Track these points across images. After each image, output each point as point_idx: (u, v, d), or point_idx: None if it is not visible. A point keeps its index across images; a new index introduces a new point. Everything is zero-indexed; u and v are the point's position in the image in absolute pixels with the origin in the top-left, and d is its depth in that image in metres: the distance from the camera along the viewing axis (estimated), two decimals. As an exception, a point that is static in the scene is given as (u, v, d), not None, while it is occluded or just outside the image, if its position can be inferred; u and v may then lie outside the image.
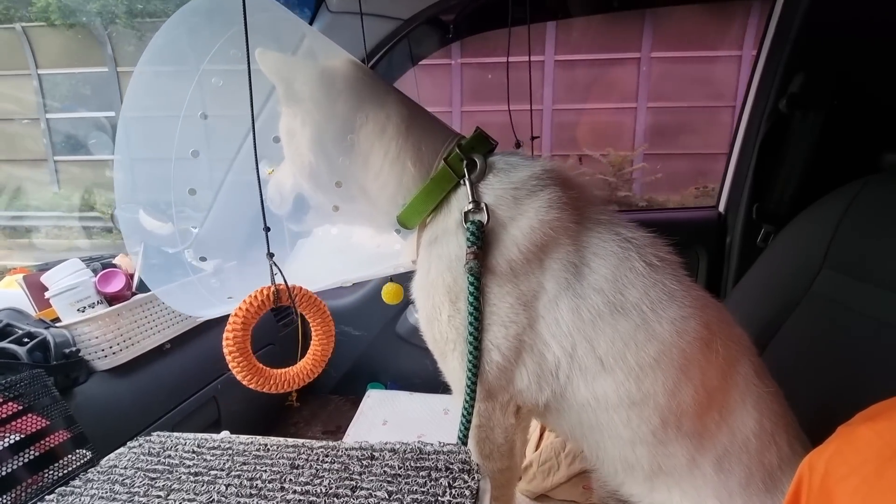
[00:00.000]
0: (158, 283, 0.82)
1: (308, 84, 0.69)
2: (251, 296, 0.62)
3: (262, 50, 0.67)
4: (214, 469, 0.64)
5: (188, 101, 0.71)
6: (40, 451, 0.66)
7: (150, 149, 0.78)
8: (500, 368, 0.67)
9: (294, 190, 0.76)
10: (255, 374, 0.64)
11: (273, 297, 0.62)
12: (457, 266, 0.67)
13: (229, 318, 0.62)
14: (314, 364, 0.68)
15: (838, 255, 0.97)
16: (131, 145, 0.76)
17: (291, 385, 0.66)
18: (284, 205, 0.77)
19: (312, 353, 0.69)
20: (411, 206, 0.70)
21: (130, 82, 0.71)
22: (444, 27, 1.43)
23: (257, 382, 0.64)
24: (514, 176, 0.68)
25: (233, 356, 0.62)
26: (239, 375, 0.63)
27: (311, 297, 0.66)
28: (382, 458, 0.64)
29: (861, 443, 0.49)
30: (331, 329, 0.69)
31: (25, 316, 0.94)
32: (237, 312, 0.62)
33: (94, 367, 0.95)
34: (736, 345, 0.70)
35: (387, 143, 0.70)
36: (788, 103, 1.28)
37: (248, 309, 0.62)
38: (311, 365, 0.68)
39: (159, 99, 0.75)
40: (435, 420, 1.44)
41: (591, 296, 0.65)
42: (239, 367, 0.62)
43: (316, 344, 0.69)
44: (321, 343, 0.69)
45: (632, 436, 0.67)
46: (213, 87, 0.70)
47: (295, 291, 0.64)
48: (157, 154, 0.77)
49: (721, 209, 1.58)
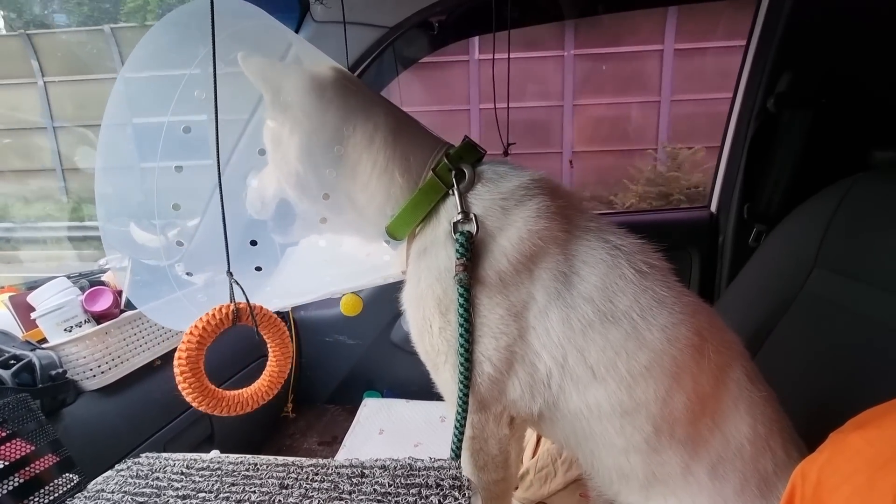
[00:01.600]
0: (144, 301, 0.81)
1: (297, 92, 0.68)
2: (209, 314, 0.59)
3: (245, 54, 0.66)
4: (203, 491, 0.63)
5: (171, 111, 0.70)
6: (26, 478, 0.65)
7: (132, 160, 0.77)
8: (492, 380, 0.67)
9: (277, 196, 0.74)
10: (207, 396, 0.60)
11: (232, 316, 0.59)
12: (446, 277, 0.66)
13: (183, 336, 0.59)
14: (270, 385, 0.66)
15: (830, 253, 0.97)
16: (114, 157, 0.75)
17: (245, 407, 0.63)
18: (265, 211, 0.76)
19: (269, 374, 0.66)
20: (400, 217, 0.70)
21: (112, 92, 0.69)
22: (432, 31, 1.43)
23: (209, 405, 0.61)
24: (502, 186, 0.68)
25: (184, 377, 0.59)
26: (189, 397, 0.59)
27: (270, 316, 0.64)
28: (373, 476, 0.63)
29: (852, 451, 0.49)
30: (288, 349, 0.66)
31: (11, 338, 0.92)
32: (192, 331, 0.59)
33: (82, 388, 0.94)
34: (728, 350, 0.69)
35: (375, 153, 0.69)
36: (776, 102, 1.28)
37: (204, 328, 0.59)
38: (266, 386, 0.65)
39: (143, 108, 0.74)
40: (432, 427, 1.44)
41: (580, 305, 0.65)
42: (190, 388, 0.59)
43: (272, 364, 0.66)
44: (278, 363, 0.66)
45: (625, 444, 0.67)
46: (196, 99, 0.68)
47: (255, 310, 0.61)
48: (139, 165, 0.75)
49: (713, 209, 1.58)
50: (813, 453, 0.54)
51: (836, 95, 1.24)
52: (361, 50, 1.25)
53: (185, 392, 0.60)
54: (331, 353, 1.69)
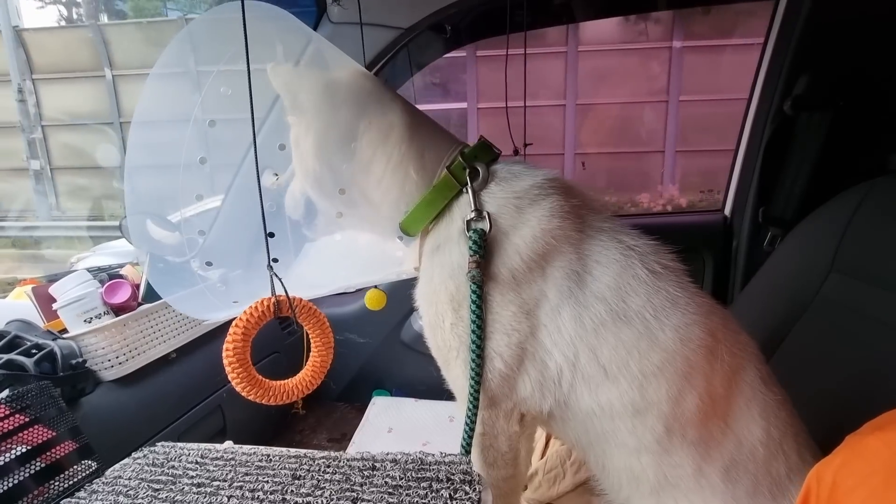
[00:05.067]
0: (168, 291, 0.83)
1: (311, 94, 0.70)
2: (252, 307, 0.62)
3: (275, 65, 0.69)
4: (217, 480, 0.64)
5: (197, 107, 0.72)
6: (46, 463, 0.67)
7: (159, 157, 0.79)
8: (503, 376, 0.67)
9: (304, 195, 0.77)
10: (255, 386, 0.64)
11: (273, 309, 0.62)
12: (459, 274, 0.67)
13: (230, 330, 0.62)
14: (313, 375, 0.68)
15: (846, 258, 0.96)
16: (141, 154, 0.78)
17: (291, 397, 0.67)
18: (297, 209, 0.78)
19: (312, 365, 0.69)
20: (413, 213, 0.71)
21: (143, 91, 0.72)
22: (445, 34, 1.44)
23: (256, 394, 0.64)
24: (516, 184, 0.69)
25: (233, 367, 0.62)
26: (238, 387, 0.63)
27: (311, 308, 0.67)
28: (384, 469, 0.64)
29: (869, 453, 0.49)
30: (330, 340, 0.70)
31: (33, 327, 0.95)
32: (237, 323, 0.62)
33: (100, 378, 0.96)
34: (742, 352, 0.69)
35: (389, 150, 0.70)
36: (793, 105, 1.27)
37: (248, 320, 0.62)
38: (310, 376, 0.68)
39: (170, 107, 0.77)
40: (440, 427, 1.44)
41: (593, 304, 0.65)
42: (239, 378, 0.63)
43: (315, 355, 0.69)
44: (320, 354, 0.69)
45: (637, 444, 0.66)
46: (221, 95, 0.71)
47: (295, 302, 0.64)
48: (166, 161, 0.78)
49: (727, 213, 1.57)
50: (829, 455, 0.53)
51: (854, 98, 1.22)
52: (377, 50, 1.26)
53: (235, 382, 0.63)
54: (341, 351, 1.70)
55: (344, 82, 0.72)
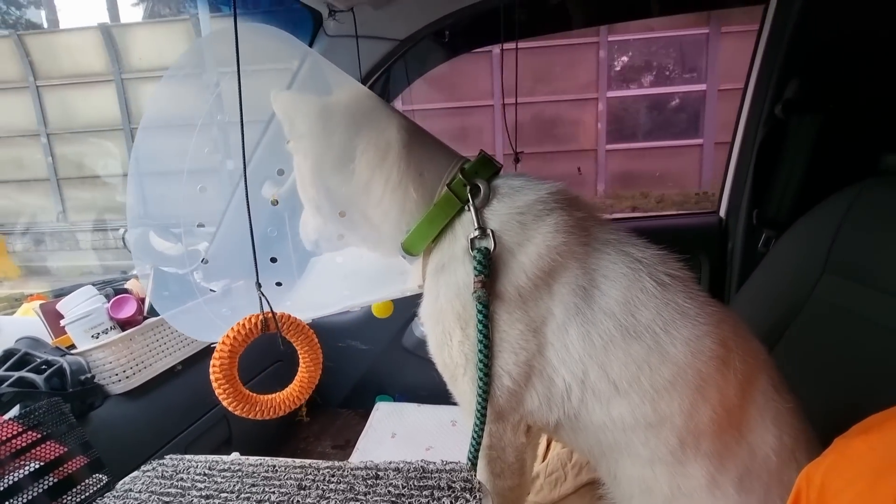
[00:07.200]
0: (167, 308, 0.85)
1: (307, 120, 0.70)
2: (239, 324, 0.63)
3: (277, 92, 0.70)
4: (225, 492, 0.66)
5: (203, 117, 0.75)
6: (59, 478, 0.69)
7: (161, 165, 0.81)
8: (511, 392, 0.67)
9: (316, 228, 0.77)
10: (242, 401, 0.65)
11: (261, 326, 0.63)
12: (465, 293, 0.66)
13: (217, 346, 0.63)
14: (301, 390, 0.69)
15: (839, 259, 0.97)
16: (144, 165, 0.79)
17: (278, 411, 0.67)
18: (310, 239, 0.79)
19: (300, 380, 0.69)
20: (415, 232, 0.70)
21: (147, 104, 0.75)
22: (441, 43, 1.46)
23: (243, 409, 0.65)
24: (518, 200, 0.68)
25: (219, 383, 0.63)
26: (226, 402, 0.64)
27: (298, 324, 0.67)
28: (387, 478, 0.65)
29: (855, 456, 0.50)
30: (318, 356, 0.70)
31: (42, 344, 0.97)
32: (224, 340, 0.63)
33: (108, 392, 0.98)
34: (753, 360, 0.67)
35: (388, 169, 0.69)
36: (784, 108, 1.28)
37: (235, 337, 0.63)
38: (298, 391, 0.69)
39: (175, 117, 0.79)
40: (443, 431, 1.45)
41: (601, 320, 0.64)
42: (225, 394, 0.63)
43: (303, 370, 0.69)
44: (308, 370, 0.69)
45: (650, 455, 0.66)
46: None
47: (283, 319, 0.64)
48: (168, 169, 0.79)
49: (722, 214, 1.58)
50: (818, 457, 0.55)
51: (845, 101, 1.24)
52: (373, 62, 1.28)
53: (222, 398, 0.64)
54: (344, 358, 1.71)
55: (339, 105, 0.71)
